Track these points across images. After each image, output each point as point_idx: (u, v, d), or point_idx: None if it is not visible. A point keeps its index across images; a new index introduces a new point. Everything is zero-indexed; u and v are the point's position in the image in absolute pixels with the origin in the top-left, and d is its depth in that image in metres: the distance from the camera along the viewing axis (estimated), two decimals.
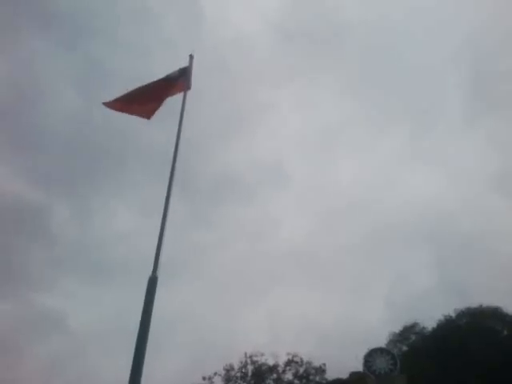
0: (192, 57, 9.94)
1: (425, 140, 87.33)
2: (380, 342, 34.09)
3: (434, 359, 31.55)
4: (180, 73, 9.70)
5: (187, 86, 9.62)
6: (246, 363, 34.91)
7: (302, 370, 34.94)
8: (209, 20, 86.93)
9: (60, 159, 72.50)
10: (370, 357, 16.91)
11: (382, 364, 16.71)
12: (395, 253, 71.20)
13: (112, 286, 65.82)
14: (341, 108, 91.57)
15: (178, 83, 9.55)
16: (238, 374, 34.66)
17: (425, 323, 37.82)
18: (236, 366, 34.84)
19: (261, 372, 34.69)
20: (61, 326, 56.13)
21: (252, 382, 34.59)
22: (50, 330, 58.09)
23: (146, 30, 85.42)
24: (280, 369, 34.98)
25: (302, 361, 35.00)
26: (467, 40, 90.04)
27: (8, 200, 58.50)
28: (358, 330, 47.12)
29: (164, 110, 9.48)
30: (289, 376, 34.96)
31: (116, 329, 47.74)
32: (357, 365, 21.87)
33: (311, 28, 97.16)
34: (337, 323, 56.06)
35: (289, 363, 35.02)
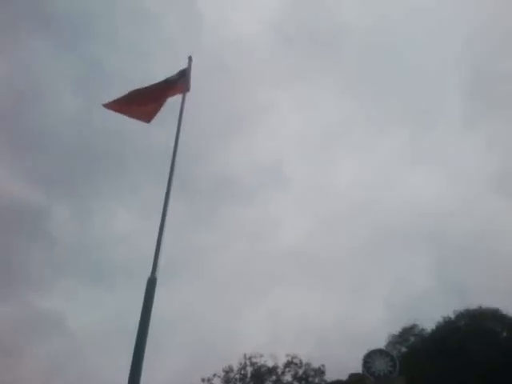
0: (191, 58, 9.97)
1: (425, 140, 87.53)
2: (379, 343, 34.14)
3: (434, 360, 31.53)
4: (179, 75, 9.72)
5: (186, 87, 9.64)
6: (245, 365, 34.88)
7: (301, 371, 34.89)
8: (208, 21, 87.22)
9: (60, 160, 72.64)
10: (369, 358, 16.91)
11: (381, 365, 16.71)
12: (395, 253, 71.37)
13: (111, 287, 65.92)
14: (341, 108, 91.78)
15: (177, 85, 9.58)
16: (237, 376, 34.61)
17: (424, 325, 37.90)
18: (235, 367, 34.84)
19: (260, 374, 34.64)
20: (60, 327, 56.12)
21: None
22: (49, 331, 58.07)
23: (145, 31, 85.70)
24: (279, 370, 34.94)
25: (301, 362, 34.98)
26: (467, 40, 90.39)
27: (8, 201, 58.56)
28: (357, 331, 47.16)
29: (163, 112, 9.51)
30: (288, 377, 34.94)
31: (115, 330, 47.74)
32: (356, 366, 21.94)
33: (311, 29, 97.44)
34: (336, 324, 56.13)
35: (288, 365, 34.98)
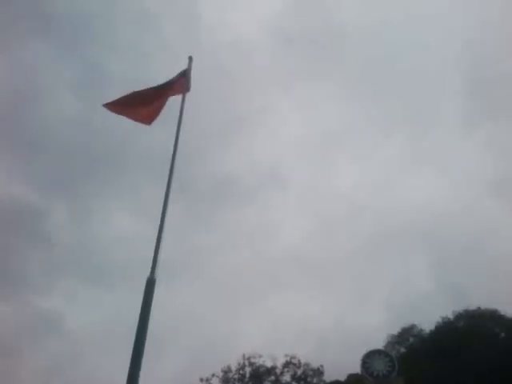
0: (191, 58, 9.89)
1: (425, 141, 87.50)
2: (378, 343, 34.19)
3: (433, 361, 31.56)
4: (179, 75, 9.70)
5: (186, 87, 9.62)
6: (244, 365, 34.88)
7: (299, 371, 34.91)
8: (208, 22, 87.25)
9: (59, 161, 72.48)
10: (368, 358, 16.87)
11: (379, 366, 16.67)
12: (394, 254, 71.43)
13: (111, 288, 65.81)
14: (341, 109, 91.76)
15: (176, 85, 9.55)
16: (236, 376, 34.62)
17: (423, 325, 37.96)
18: (234, 367, 34.86)
19: (259, 374, 34.64)
20: (60, 328, 56.21)
21: None
22: (49, 331, 58.16)
23: (145, 33, 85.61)
24: (278, 371, 34.95)
25: (299, 362, 35.01)
26: (467, 41, 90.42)
27: (7, 202, 58.46)
28: (356, 332, 47.15)
29: (163, 112, 9.45)
30: (287, 378, 34.96)
31: (115, 330, 47.61)
32: (355, 367, 21.95)
33: (311, 30, 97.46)
34: (336, 325, 56.16)
35: (287, 365, 34.99)
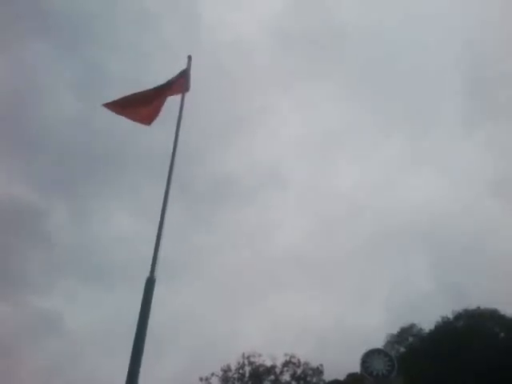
0: (190, 58, 9.87)
1: (425, 141, 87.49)
2: (378, 343, 34.22)
3: (432, 360, 31.56)
4: (179, 75, 9.68)
5: (186, 87, 9.60)
6: (244, 364, 34.90)
7: (299, 371, 34.94)
8: (208, 22, 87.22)
9: (59, 162, 72.41)
10: (367, 358, 16.85)
11: (379, 365, 16.65)
12: (394, 254, 71.42)
13: (111, 288, 65.82)
14: (341, 109, 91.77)
15: (176, 84, 9.54)
16: (236, 375, 34.64)
17: (422, 325, 37.95)
18: (233, 366, 34.88)
19: (258, 373, 34.66)
20: (60, 328, 56.20)
21: (249, 383, 34.56)
22: (49, 331, 58.14)
23: (145, 33, 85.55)
24: (277, 370, 34.97)
25: (299, 362, 35.03)
26: (467, 42, 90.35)
27: (7, 202, 58.46)
28: (356, 332, 47.19)
29: (163, 112, 9.42)
30: (286, 377, 34.98)
31: (115, 330, 47.68)
32: (354, 366, 21.95)
33: (311, 30, 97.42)
34: (336, 324, 56.21)
35: (286, 364, 35.01)
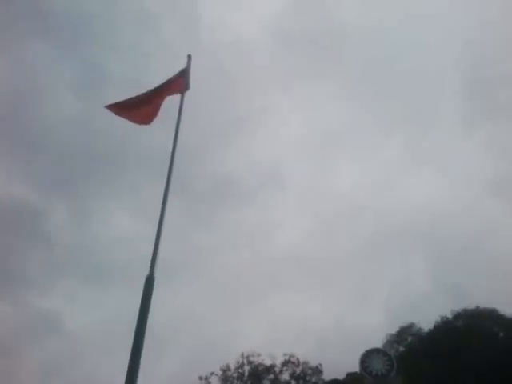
0: (190, 57, 9.87)
1: (425, 141, 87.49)
2: (377, 343, 34.27)
3: (432, 360, 31.59)
4: (178, 74, 9.67)
5: (186, 86, 9.60)
6: (243, 363, 34.93)
7: (298, 370, 34.96)
8: (208, 22, 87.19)
9: (59, 162, 72.30)
10: (367, 357, 16.85)
11: (378, 365, 16.64)
12: (394, 254, 71.45)
13: (110, 288, 65.79)
14: (341, 109, 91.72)
15: (175, 84, 9.52)
16: (235, 375, 34.66)
17: (421, 324, 37.98)
18: (233, 366, 34.90)
19: (257, 372, 34.68)
20: (59, 328, 56.08)
21: (249, 383, 34.58)
22: (48, 331, 58.06)
23: (145, 33, 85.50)
24: (277, 369, 34.99)
25: (298, 361, 35.05)
26: (467, 41, 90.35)
27: (7, 202, 58.41)
28: (356, 331, 47.23)
29: (163, 112, 9.40)
30: (285, 376, 35.00)
31: (115, 330, 47.61)
32: (354, 366, 21.96)
33: (311, 30, 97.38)
34: (335, 325, 56.25)
35: (286, 363, 35.03)
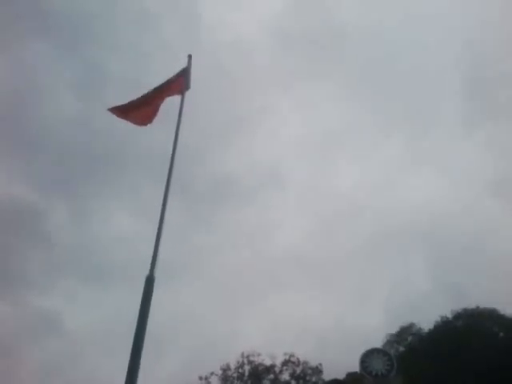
0: (190, 57, 9.89)
1: (425, 141, 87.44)
2: (377, 343, 34.28)
3: (432, 360, 31.59)
4: (178, 74, 9.67)
5: (186, 86, 9.61)
6: (243, 363, 34.93)
7: (298, 370, 34.96)
8: (208, 22, 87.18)
9: (59, 162, 72.24)
10: (367, 357, 16.88)
11: (378, 365, 16.67)
12: (394, 254, 71.42)
13: (110, 288, 65.71)
14: (341, 109, 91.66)
15: (174, 85, 9.53)
16: (235, 375, 34.66)
17: (422, 324, 37.99)
18: (233, 365, 34.90)
19: (258, 372, 34.69)
20: (59, 328, 56.02)
21: (249, 382, 34.59)
22: (48, 331, 58.01)
23: (145, 33, 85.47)
24: (277, 369, 34.99)
25: (298, 361, 35.04)
26: (467, 41, 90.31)
27: (7, 202, 58.39)
28: (356, 331, 47.22)
29: (163, 112, 9.40)
30: (286, 376, 34.99)
31: (115, 330, 47.60)
32: (354, 365, 21.97)
33: (311, 30, 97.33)
34: (335, 325, 56.22)
35: (286, 363, 35.03)
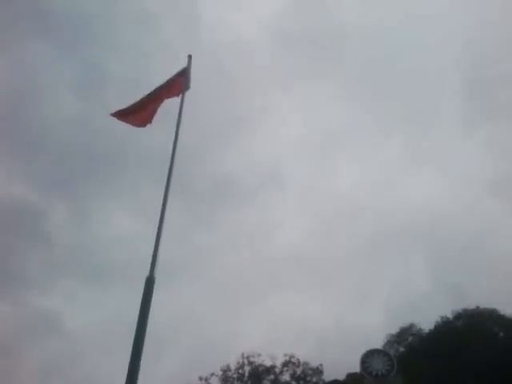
0: (190, 57, 9.89)
1: (425, 141, 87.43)
2: (378, 343, 34.26)
3: (432, 360, 31.59)
4: (178, 74, 9.68)
5: (186, 86, 9.61)
6: (243, 364, 34.90)
7: (299, 370, 34.94)
8: (208, 22, 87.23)
9: (59, 162, 72.21)
10: (367, 358, 16.91)
11: (378, 365, 16.70)
12: (394, 255, 71.40)
13: (110, 288, 65.66)
14: (341, 109, 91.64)
15: (174, 86, 9.53)
16: (235, 375, 34.63)
17: (422, 325, 37.98)
18: (233, 366, 34.87)
19: (258, 373, 34.66)
20: (59, 328, 55.98)
21: (249, 383, 34.57)
22: (48, 331, 57.96)
23: (145, 33, 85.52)
24: (277, 370, 34.96)
25: (299, 362, 35.02)
26: (467, 41, 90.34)
27: (7, 202, 58.37)
28: (356, 332, 47.19)
29: (163, 112, 9.40)
30: (286, 377, 34.96)
31: (115, 330, 47.59)
32: (354, 366, 21.98)
33: (311, 30, 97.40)
34: (335, 325, 56.18)
35: (286, 364, 35.01)
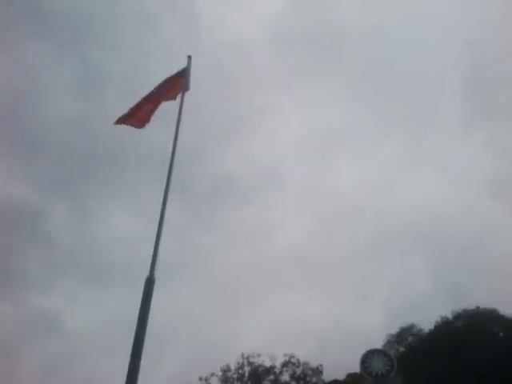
0: (190, 57, 9.88)
1: (425, 141, 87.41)
2: (378, 343, 34.25)
3: (432, 360, 31.60)
4: (177, 74, 9.67)
5: (186, 86, 9.60)
6: (243, 364, 34.91)
7: (299, 371, 34.94)
8: (208, 22, 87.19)
9: (59, 162, 72.17)
10: (367, 358, 16.90)
11: (378, 365, 16.70)
12: (394, 255, 71.39)
13: (110, 288, 65.60)
14: (340, 109, 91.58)
15: (175, 84, 9.53)
16: (235, 375, 34.64)
17: (422, 325, 37.99)
18: (233, 366, 34.87)
19: (258, 373, 34.67)
20: (59, 328, 55.93)
21: (249, 383, 34.58)
22: (48, 331, 57.92)
23: (145, 33, 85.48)
24: (277, 370, 34.97)
25: (298, 362, 35.02)
26: (467, 43, 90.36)
27: (7, 202, 58.35)
28: (356, 332, 47.16)
29: (163, 113, 9.40)
30: (286, 377, 34.96)
31: (115, 330, 47.55)
32: (354, 366, 21.96)
33: (311, 30, 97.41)
34: (335, 325, 56.16)
35: (286, 364, 35.01)
